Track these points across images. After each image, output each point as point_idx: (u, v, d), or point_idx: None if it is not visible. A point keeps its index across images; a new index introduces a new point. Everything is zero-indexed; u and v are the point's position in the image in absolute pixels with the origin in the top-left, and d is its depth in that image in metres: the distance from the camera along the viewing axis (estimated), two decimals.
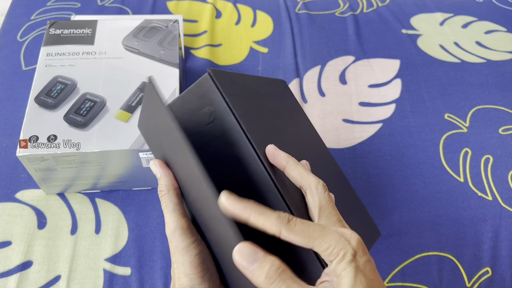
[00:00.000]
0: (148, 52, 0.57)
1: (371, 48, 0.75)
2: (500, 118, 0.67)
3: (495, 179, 0.60)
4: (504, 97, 0.69)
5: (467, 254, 0.53)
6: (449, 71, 0.72)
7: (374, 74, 0.72)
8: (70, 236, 0.52)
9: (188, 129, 0.35)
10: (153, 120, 0.34)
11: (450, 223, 0.56)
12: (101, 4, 0.78)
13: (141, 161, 0.51)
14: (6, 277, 0.49)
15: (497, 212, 0.57)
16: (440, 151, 0.62)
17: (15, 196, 0.55)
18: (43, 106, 0.51)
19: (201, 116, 0.35)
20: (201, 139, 0.35)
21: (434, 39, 0.78)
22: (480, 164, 0.61)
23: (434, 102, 0.68)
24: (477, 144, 0.63)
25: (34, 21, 0.75)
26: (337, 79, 0.71)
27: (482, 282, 0.52)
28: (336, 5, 0.83)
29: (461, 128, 0.65)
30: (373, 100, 0.68)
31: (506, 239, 0.55)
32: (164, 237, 0.53)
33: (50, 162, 0.49)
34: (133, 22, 0.61)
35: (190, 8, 0.80)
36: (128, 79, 0.55)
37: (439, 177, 0.60)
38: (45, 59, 0.56)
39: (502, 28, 0.80)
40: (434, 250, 0.53)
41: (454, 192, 0.58)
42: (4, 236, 0.52)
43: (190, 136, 0.35)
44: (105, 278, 0.50)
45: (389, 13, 0.82)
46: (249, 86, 0.39)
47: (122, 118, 0.51)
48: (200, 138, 0.35)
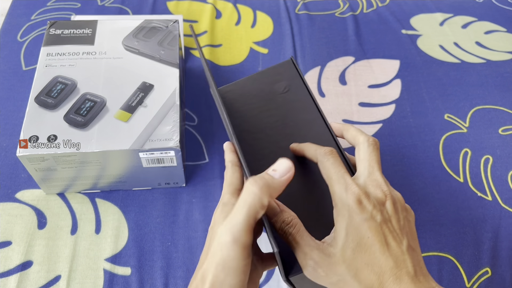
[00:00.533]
0: (148, 52, 0.58)
1: (371, 49, 0.75)
2: (500, 118, 0.67)
3: (494, 179, 0.60)
4: (503, 97, 0.69)
5: (467, 254, 0.53)
6: (449, 72, 0.73)
7: (374, 74, 0.72)
8: (70, 236, 0.53)
9: (262, 95, 0.46)
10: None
11: (450, 223, 0.56)
12: (101, 4, 0.78)
13: (141, 161, 0.51)
14: (6, 277, 0.49)
15: (496, 212, 0.57)
16: (440, 152, 0.62)
17: (15, 196, 0.55)
18: (43, 106, 0.51)
19: (277, 87, 0.46)
20: (274, 103, 0.45)
21: (434, 39, 0.78)
22: (480, 164, 0.61)
23: (434, 103, 0.68)
24: (477, 144, 0.63)
25: (34, 21, 0.75)
26: (337, 79, 0.71)
27: (481, 282, 0.52)
28: (336, 6, 0.83)
29: (461, 129, 0.65)
30: (373, 101, 0.68)
31: (506, 239, 0.55)
32: (164, 237, 0.53)
33: (50, 162, 0.49)
34: (133, 22, 0.61)
35: (190, 8, 0.80)
36: (128, 79, 0.55)
37: (439, 177, 0.60)
38: (45, 59, 0.56)
39: (502, 28, 0.80)
40: (434, 250, 0.53)
41: (454, 192, 0.58)
42: (4, 236, 0.52)
43: (264, 100, 0.45)
44: (105, 278, 0.50)
45: (389, 13, 0.82)
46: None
47: (122, 118, 0.51)
48: (273, 102, 0.45)
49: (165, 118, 0.52)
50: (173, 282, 0.50)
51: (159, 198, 0.56)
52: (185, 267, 0.51)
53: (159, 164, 0.52)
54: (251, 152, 0.42)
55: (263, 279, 0.50)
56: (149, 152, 0.50)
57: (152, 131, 0.50)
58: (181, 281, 0.50)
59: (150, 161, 0.51)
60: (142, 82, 0.55)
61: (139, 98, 0.53)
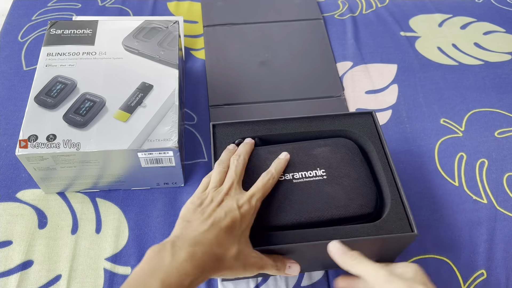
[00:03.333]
0: (148, 53, 0.58)
1: (369, 53, 0.75)
2: (496, 121, 0.67)
3: (490, 182, 0.60)
4: (500, 99, 0.70)
5: (463, 257, 0.54)
6: (446, 75, 0.73)
7: (372, 79, 0.72)
8: (71, 235, 0.53)
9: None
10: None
11: (446, 227, 0.56)
12: (102, 5, 0.78)
13: (140, 161, 0.51)
14: (6, 277, 0.49)
15: (492, 215, 0.57)
16: (436, 156, 0.63)
17: (16, 195, 0.56)
18: (42, 105, 0.52)
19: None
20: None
21: (432, 41, 0.78)
22: (475, 168, 0.62)
23: (430, 107, 0.68)
24: (472, 148, 0.64)
25: (35, 22, 0.75)
26: None
27: (477, 284, 0.52)
28: (336, 7, 0.83)
29: (457, 133, 0.65)
30: (370, 106, 0.68)
31: (501, 242, 0.55)
32: (165, 237, 0.53)
33: (49, 162, 0.50)
34: (134, 22, 0.61)
35: (191, 9, 0.80)
36: (128, 79, 0.55)
37: (434, 182, 0.60)
38: (46, 59, 0.56)
39: (501, 29, 0.81)
40: (430, 253, 0.54)
41: (449, 196, 0.59)
42: (5, 236, 0.52)
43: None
44: (105, 277, 0.50)
45: (388, 14, 0.82)
46: None
47: (121, 118, 0.52)
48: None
49: (164, 119, 0.52)
50: None
51: (159, 197, 0.57)
52: None
53: (157, 164, 0.52)
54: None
55: (261, 279, 0.51)
56: (148, 152, 0.50)
57: (151, 131, 0.51)
58: None
59: (149, 161, 0.52)
60: (142, 82, 0.55)
61: (138, 98, 0.53)
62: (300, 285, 0.51)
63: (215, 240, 0.38)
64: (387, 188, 0.46)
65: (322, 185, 0.45)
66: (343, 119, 0.52)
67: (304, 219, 0.43)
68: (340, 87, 0.69)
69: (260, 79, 0.70)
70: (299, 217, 0.43)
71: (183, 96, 0.65)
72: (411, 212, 0.44)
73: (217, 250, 0.37)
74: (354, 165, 0.47)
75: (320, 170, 0.46)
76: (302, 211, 0.44)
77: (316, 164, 0.47)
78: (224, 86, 0.69)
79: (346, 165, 0.47)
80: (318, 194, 0.45)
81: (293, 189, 0.45)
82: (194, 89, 0.69)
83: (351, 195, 0.45)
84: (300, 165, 0.47)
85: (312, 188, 0.45)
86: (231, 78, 0.70)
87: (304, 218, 0.43)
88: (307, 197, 0.44)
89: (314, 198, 0.44)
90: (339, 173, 0.46)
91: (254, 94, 0.68)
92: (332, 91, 0.69)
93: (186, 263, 0.35)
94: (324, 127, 0.51)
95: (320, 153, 0.48)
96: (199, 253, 0.36)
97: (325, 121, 0.52)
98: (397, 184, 0.46)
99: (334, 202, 0.44)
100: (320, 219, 0.43)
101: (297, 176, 0.46)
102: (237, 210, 0.40)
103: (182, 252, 0.35)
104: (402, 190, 0.45)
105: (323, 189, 0.45)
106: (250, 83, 0.69)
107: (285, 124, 0.51)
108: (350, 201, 0.44)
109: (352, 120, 0.52)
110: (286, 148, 0.48)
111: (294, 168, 0.47)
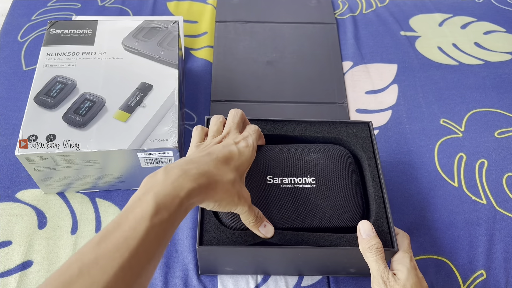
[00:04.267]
0: (147, 53, 0.58)
1: (369, 53, 0.75)
2: (496, 121, 0.67)
3: (489, 183, 0.60)
4: (500, 99, 0.70)
5: (462, 257, 0.54)
6: (446, 74, 0.73)
7: (372, 80, 0.72)
8: (71, 235, 0.53)
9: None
10: None
11: (445, 227, 0.56)
12: (101, 5, 0.78)
13: (140, 161, 0.51)
14: (6, 277, 0.49)
15: (491, 215, 0.57)
16: (435, 157, 0.63)
17: (16, 196, 0.56)
18: (42, 105, 0.52)
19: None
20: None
21: (432, 40, 0.78)
22: (474, 169, 0.62)
23: (430, 107, 0.68)
24: (472, 148, 0.64)
25: (34, 22, 0.75)
26: None
27: (476, 284, 0.52)
28: (336, 6, 0.83)
29: (457, 133, 0.65)
30: (370, 107, 0.68)
31: (500, 242, 0.55)
32: None
33: (49, 162, 0.50)
34: (133, 22, 0.61)
35: (191, 9, 0.80)
36: (128, 79, 0.55)
37: (434, 183, 0.60)
38: (45, 58, 0.56)
39: (501, 29, 0.80)
40: (429, 254, 0.54)
41: (449, 197, 0.59)
42: (5, 236, 0.52)
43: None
44: None
45: (388, 14, 0.82)
46: None
47: (120, 118, 0.52)
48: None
49: (163, 119, 0.52)
50: (172, 282, 0.51)
51: None
52: (184, 267, 0.51)
53: (157, 164, 0.52)
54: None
55: (261, 279, 0.51)
56: (147, 152, 0.50)
57: (150, 131, 0.51)
58: (180, 281, 0.51)
59: (149, 161, 0.52)
60: (141, 82, 0.55)
61: (138, 98, 0.53)
62: (301, 285, 0.51)
63: (212, 163, 0.37)
64: (374, 201, 0.45)
65: (310, 194, 0.45)
66: (339, 127, 0.51)
67: (287, 226, 0.43)
68: (344, 94, 0.69)
69: (264, 78, 0.70)
70: (282, 224, 0.43)
71: (183, 96, 0.65)
72: (393, 228, 0.44)
73: (213, 171, 0.37)
74: (344, 176, 0.46)
75: (310, 177, 0.46)
76: (287, 218, 0.43)
77: (307, 170, 0.46)
78: (228, 82, 0.69)
79: (337, 175, 0.46)
80: (305, 203, 0.44)
81: (280, 194, 0.44)
82: (194, 89, 0.69)
83: (337, 207, 0.44)
84: (290, 170, 0.46)
85: (299, 195, 0.45)
86: (235, 75, 0.70)
87: (287, 225, 0.43)
88: (292, 204, 0.44)
89: (300, 206, 0.44)
90: (329, 183, 0.45)
91: (257, 93, 0.68)
92: (335, 97, 0.69)
93: (181, 177, 0.34)
94: (319, 133, 0.51)
95: (312, 160, 0.47)
96: (193, 170, 0.35)
97: (321, 127, 0.51)
98: (384, 198, 0.45)
99: (319, 213, 0.44)
100: (302, 227, 0.43)
101: (286, 181, 0.45)
102: (234, 145, 0.40)
103: (175, 169, 0.34)
104: (388, 205, 0.45)
105: (310, 198, 0.44)
106: (254, 81, 0.70)
107: (280, 126, 0.51)
108: (335, 214, 0.44)
109: (348, 128, 0.51)
110: (279, 149, 0.48)
111: (284, 171, 0.46)
